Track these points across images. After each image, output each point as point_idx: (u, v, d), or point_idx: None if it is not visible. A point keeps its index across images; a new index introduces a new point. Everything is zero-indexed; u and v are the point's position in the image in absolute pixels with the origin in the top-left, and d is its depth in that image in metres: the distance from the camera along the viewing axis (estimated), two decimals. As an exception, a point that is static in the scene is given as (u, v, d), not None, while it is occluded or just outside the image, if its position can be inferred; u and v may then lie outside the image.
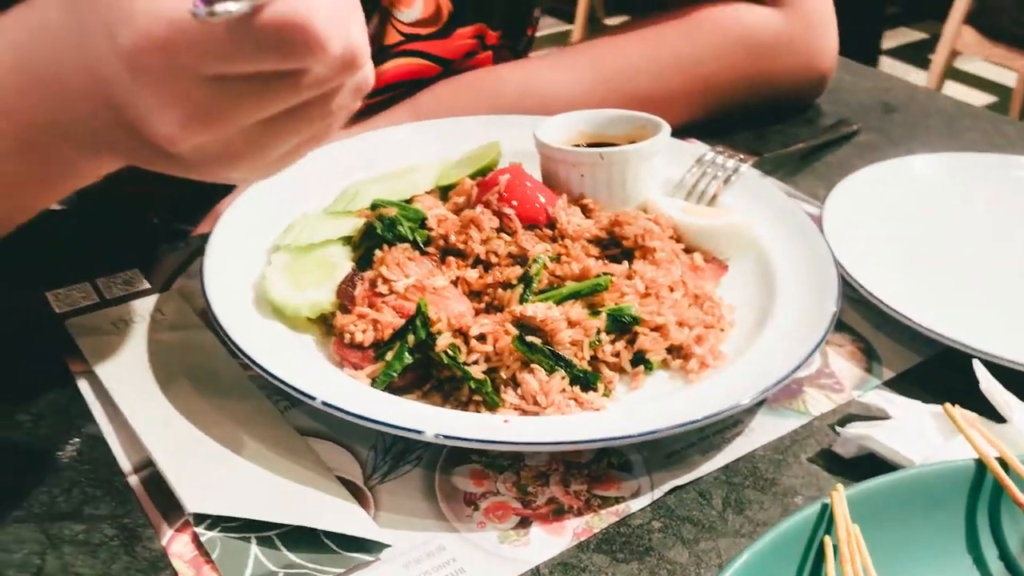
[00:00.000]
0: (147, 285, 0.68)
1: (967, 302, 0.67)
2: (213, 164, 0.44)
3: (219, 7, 0.36)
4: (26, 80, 0.45)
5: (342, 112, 0.45)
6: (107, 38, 0.40)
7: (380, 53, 0.81)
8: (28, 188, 0.52)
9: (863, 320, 0.67)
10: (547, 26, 4.11)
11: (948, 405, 0.51)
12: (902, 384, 0.62)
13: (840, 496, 0.45)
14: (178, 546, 0.49)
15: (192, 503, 0.50)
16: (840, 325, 0.67)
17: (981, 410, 0.54)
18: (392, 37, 0.82)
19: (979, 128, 0.95)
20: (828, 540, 0.44)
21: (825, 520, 0.45)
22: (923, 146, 0.89)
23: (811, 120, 0.96)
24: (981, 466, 0.48)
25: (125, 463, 0.54)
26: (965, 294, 0.68)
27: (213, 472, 0.53)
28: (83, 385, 0.59)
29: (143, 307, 0.66)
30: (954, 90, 3.51)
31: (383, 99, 0.85)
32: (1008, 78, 3.18)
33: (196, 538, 0.49)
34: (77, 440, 0.55)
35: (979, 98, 3.53)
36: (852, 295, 0.67)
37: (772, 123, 0.94)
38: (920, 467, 0.48)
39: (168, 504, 0.51)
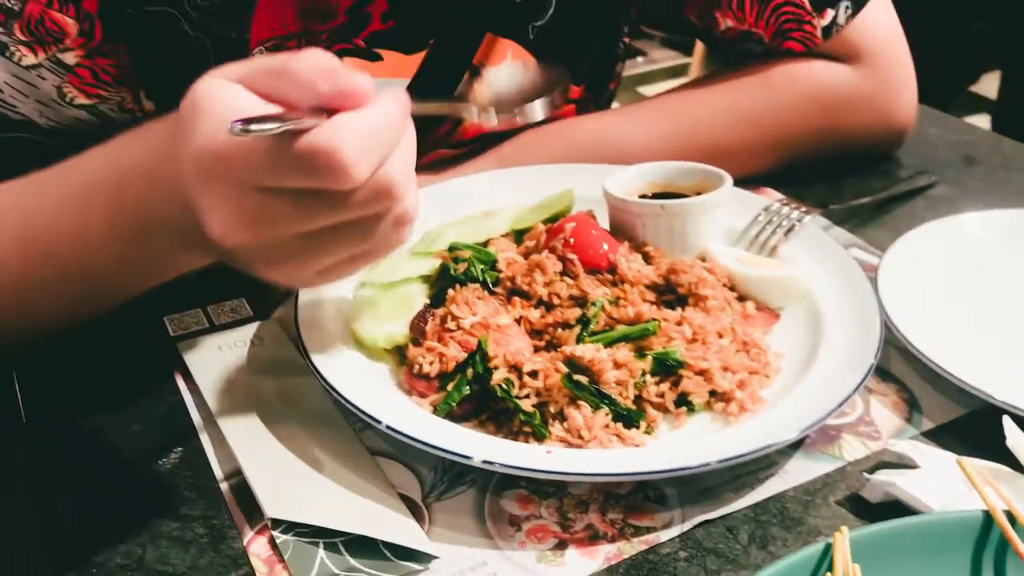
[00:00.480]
0: (251, 313, 0.77)
1: (1013, 360, 0.69)
2: (260, 265, 0.51)
3: (253, 127, 0.43)
4: (119, 174, 0.55)
5: (384, 240, 0.51)
6: (185, 145, 0.48)
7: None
8: (132, 274, 0.61)
9: (911, 371, 0.70)
10: (666, 59, 4.15)
11: (963, 459, 0.54)
12: (940, 436, 0.64)
13: (843, 537, 0.49)
14: (257, 546, 0.56)
15: (271, 509, 0.57)
16: (887, 375, 0.70)
17: (1017, 466, 0.56)
18: None
19: (1061, 182, 0.95)
20: (827, 577, 0.48)
21: (827, 559, 0.48)
22: (1000, 200, 0.90)
23: (887, 171, 0.98)
24: (989, 518, 0.50)
25: (218, 471, 0.62)
26: (1012, 352, 0.70)
27: (291, 483, 0.60)
28: (188, 400, 0.68)
29: (246, 333, 0.74)
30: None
31: (476, 147, 0.92)
32: None
33: (272, 540, 0.56)
34: (180, 449, 0.64)
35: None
36: (901, 346, 0.69)
37: (847, 173, 0.96)
38: (928, 515, 0.51)
39: (251, 509, 0.59)
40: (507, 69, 0.83)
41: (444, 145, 0.89)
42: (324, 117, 0.46)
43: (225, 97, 0.47)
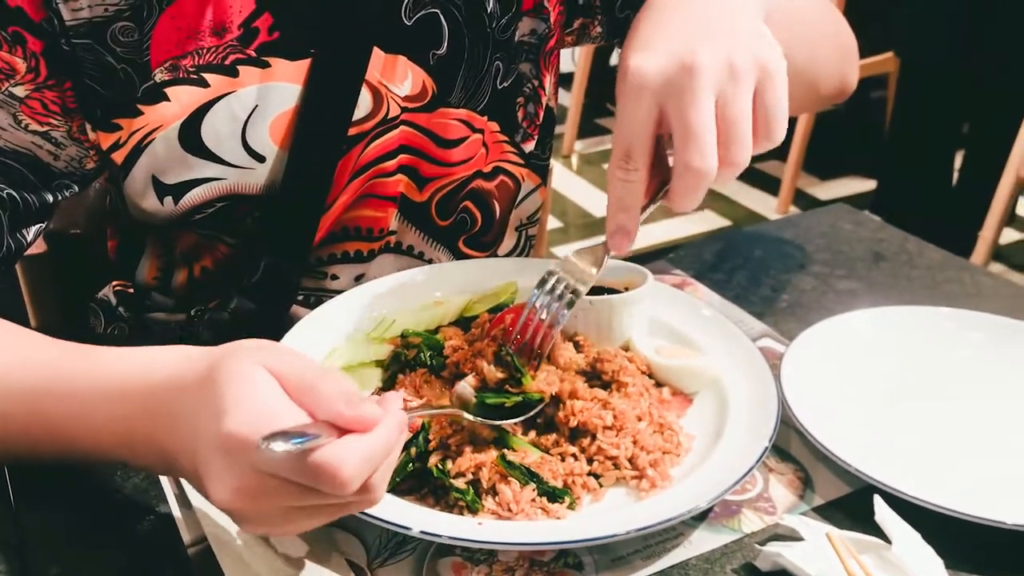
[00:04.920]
0: (219, 392, 0.85)
1: (893, 444, 0.78)
2: (248, 524, 0.60)
3: (276, 446, 0.52)
4: (143, 408, 0.64)
5: (351, 510, 0.61)
6: (211, 418, 0.57)
7: (384, 124, 0.94)
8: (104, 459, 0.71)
9: (807, 453, 0.79)
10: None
11: (831, 532, 0.63)
12: (829, 511, 0.73)
13: (724, 601, 0.57)
14: (219, 605, 0.64)
15: (232, 573, 0.65)
16: (786, 455, 0.79)
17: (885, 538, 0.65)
18: (393, 109, 0.94)
19: (959, 280, 1.06)
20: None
21: (710, 619, 0.57)
22: (900, 295, 1.01)
23: (802, 266, 1.08)
24: (850, 584, 0.59)
25: (186, 537, 0.69)
26: (893, 436, 0.79)
27: (250, 550, 0.67)
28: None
29: (214, 410, 0.82)
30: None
31: (396, 163, 0.96)
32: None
33: (233, 600, 0.64)
34: (152, 516, 0.71)
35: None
36: (798, 430, 0.78)
37: (768, 268, 1.07)
38: (800, 582, 0.60)
39: (215, 572, 0.66)
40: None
41: (360, 171, 0.96)
42: (336, 432, 0.55)
43: (257, 392, 0.57)
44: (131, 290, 1.03)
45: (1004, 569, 0.68)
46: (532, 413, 0.76)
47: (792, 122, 3.50)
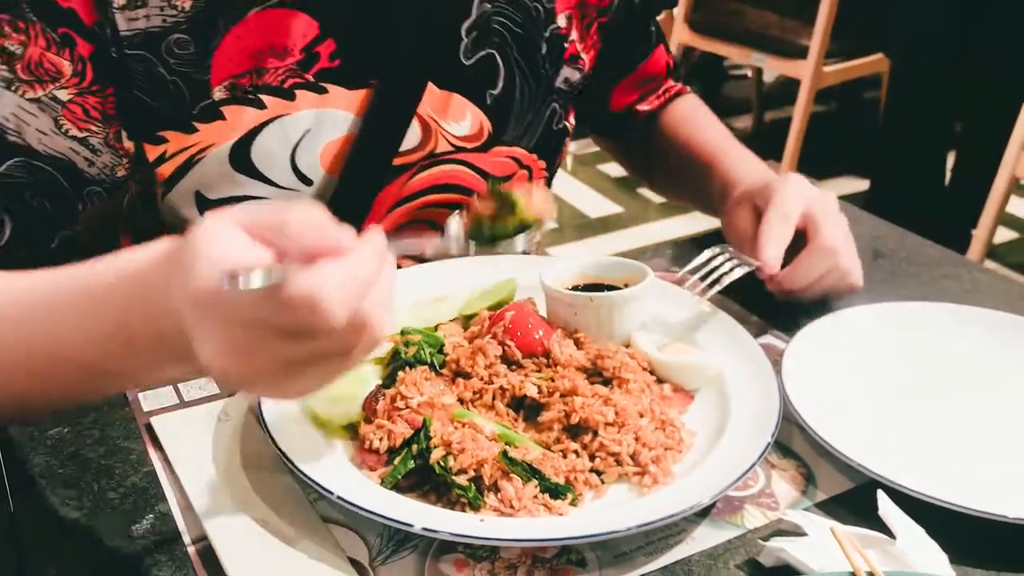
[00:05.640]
0: (218, 391, 0.84)
1: (895, 439, 0.78)
2: (247, 386, 0.58)
3: (241, 280, 0.50)
4: (125, 296, 0.61)
5: (358, 360, 0.58)
6: (181, 282, 0.54)
7: (430, 158, 0.97)
8: (112, 377, 0.67)
9: (809, 449, 0.79)
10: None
11: (835, 527, 0.63)
12: (831, 506, 0.73)
13: (729, 595, 0.57)
14: (220, 604, 0.63)
15: (233, 570, 0.64)
16: (788, 451, 0.79)
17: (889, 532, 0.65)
18: (443, 146, 0.97)
19: (956, 276, 1.06)
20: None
21: (715, 614, 0.56)
22: (899, 292, 1.00)
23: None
24: (854, 578, 0.59)
25: (186, 536, 0.69)
26: (895, 432, 0.79)
27: (251, 547, 0.67)
28: (160, 471, 0.75)
29: (213, 409, 0.81)
30: (1019, 207, 3.56)
31: (444, 198, 1.00)
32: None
33: (234, 598, 0.63)
34: (151, 516, 0.71)
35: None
36: (800, 426, 0.78)
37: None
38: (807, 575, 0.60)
39: (215, 570, 0.66)
40: None
41: (403, 201, 0.98)
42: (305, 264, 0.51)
43: (220, 243, 0.54)
44: None
45: (1008, 563, 0.68)
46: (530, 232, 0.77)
47: (786, 123, 3.51)
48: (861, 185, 3.49)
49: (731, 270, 0.91)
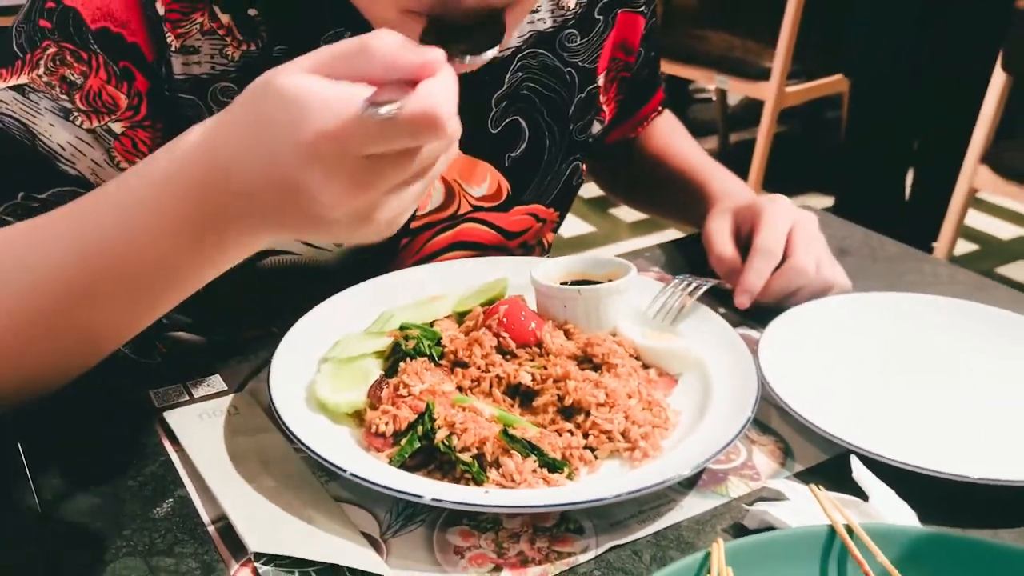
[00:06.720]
0: (225, 387, 0.88)
1: (865, 414, 0.84)
2: (356, 224, 0.59)
3: (383, 109, 0.51)
4: (210, 166, 0.61)
5: (439, 165, 0.60)
6: (288, 133, 0.55)
7: (453, 219, 1.01)
8: (181, 270, 0.67)
9: (785, 425, 0.84)
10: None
11: (813, 486, 0.68)
12: (808, 476, 0.78)
13: (720, 546, 0.62)
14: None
15: (254, 544, 0.68)
16: (766, 428, 0.84)
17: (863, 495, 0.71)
18: (464, 207, 1.02)
19: (919, 270, 1.13)
20: (706, 577, 0.60)
21: (707, 564, 0.61)
22: (865, 285, 1.07)
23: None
24: (832, 531, 0.64)
25: (205, 516, 0.73)
26: (865, 407, 0.85)
27: (269, 524, 0.71)
28: (176, 460, 0.79)
29: (222, 403, 0.86)
30: (977, 220, 3.67)
31: (455, 256, 1.04)
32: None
33: (255, 571, 0.67)
34: (171, 500, 0.74)
35: (1003, 228, 3.69)
36: (778, 405, 0.84)
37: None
38: (787, 529, 0.65)
39: (235, 546, 0.69)
40: None
41: (422, 260, 1.03)
42: (407, 88, 0.53)
43: (318, 86, 0.54)
44: None
45: (971, 519, 0.73)
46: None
47: (751, 144, 3.60)
48: (825, 202, 3.59)
49: (694, 290, 0.97)
